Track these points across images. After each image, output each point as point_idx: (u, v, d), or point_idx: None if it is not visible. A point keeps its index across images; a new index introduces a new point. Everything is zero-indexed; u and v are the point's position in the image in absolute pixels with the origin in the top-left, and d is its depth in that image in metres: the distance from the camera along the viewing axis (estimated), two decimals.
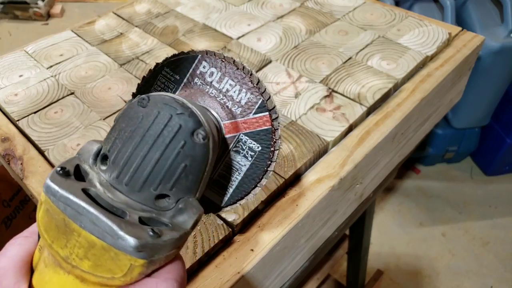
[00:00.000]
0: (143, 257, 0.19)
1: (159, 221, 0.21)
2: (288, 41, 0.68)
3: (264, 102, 0.28)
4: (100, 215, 0.19)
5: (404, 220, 1.55)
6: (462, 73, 0.71)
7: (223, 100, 0.28)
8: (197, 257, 0.41)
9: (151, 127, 0.21)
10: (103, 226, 0.19)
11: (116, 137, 0.22)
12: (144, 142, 0.21)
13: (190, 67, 0.28)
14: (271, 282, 0.48)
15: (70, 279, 0.20)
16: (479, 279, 1.38)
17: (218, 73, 0.27)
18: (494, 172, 1.68)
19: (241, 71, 0.28)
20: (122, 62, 0.66)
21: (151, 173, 0.21)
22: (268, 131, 0.28)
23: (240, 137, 0.28)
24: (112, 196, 0.21)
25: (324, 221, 0.52)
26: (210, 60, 0.28)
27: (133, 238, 0.19)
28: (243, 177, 0.29)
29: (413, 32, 0.69)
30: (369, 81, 0.60)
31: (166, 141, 0.21)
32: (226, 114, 0.28)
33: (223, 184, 0.29)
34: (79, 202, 0.19)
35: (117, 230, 0.19)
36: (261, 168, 0.28)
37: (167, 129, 0.21)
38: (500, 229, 1.52)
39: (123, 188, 0.21)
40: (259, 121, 0.28)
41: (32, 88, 0.62)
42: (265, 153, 0.28)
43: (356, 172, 0.52)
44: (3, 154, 0.54)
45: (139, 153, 0.21)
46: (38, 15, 1.53)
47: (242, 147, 0.28)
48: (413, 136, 0.67)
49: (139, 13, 0.79)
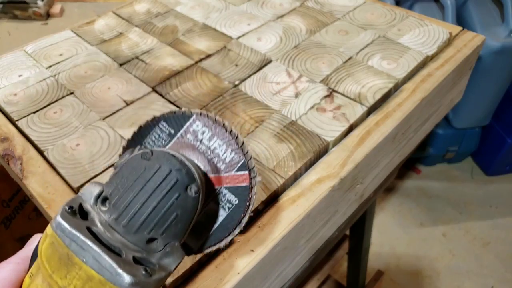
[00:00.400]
0: None
1: (149, 261, 0.24)
2: (288, 41, 0.68)
3: (246, 162, 0.32)
4: (102, 253, 0.22)
5: (404, 220, 1.55)
6: (462, 73, 0.71)
7: (210, 156, 0.31)
8: (197, 257, 0.41)
9: (152, 178, 0.25)
10: (103, 263, 0.21)
11: (118, 183, 0.25)
12: (144, 191, 0.24)
13: (184, 124, 0.31)
14: (271, 282, 0.48)
15: None
16: (480, 280, 1.37)
17: (208, 133, 0.31)
18: (495, 172, 1.68)
19: (229, 133, 0.31)
20: (121, 62, 0.66)
21: (147, 219, 0.24)
22: (246, 188, 0.32)
23: (221, 190, 0.32)
24: (110, 235, 0.23)
25: (325, 222, 0.52)
26: (203, 120, 0.31)
27: (129, 276, 0.22)
28: (219, 226, 0.32)
29: (414, 31, 0.69)
30: (370, 81, 0.60)
31: (163, 192, 0.25)
32: (212, 169, 0.31)
33: (200, 231, 0.32)
34: (84, 239, 0.22)
35: (116, 268, 0.21)
36: (235, 219, 0.32)
37: (165, 181, 0.25)
38: (501, 230, 1.51)
39: (120, 229, 0.24)
40: (239, 178, 0.32)
41: (32, 88, 0.62)
42: (240, 206, 0.31)
43: (356, 172, 0.52)
44: (3, 154, 0.54)
45: (138, 200, 0.24)
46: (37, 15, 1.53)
47: (222, 199, 0.32)
48: (414, 136, 0.67)
49: (139, 12, 0.78)
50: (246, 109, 0.56)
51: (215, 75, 0.63)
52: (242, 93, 0.59)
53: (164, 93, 0.60)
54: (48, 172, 0.51)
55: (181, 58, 0.66)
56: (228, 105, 0.57)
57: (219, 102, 0.58)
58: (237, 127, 0.54)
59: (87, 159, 0.51)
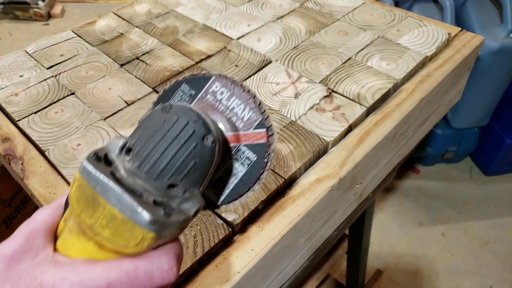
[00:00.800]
0: (154, 230, 0.24)
1: (169, 205, 0.26)
2: (288, 42, 0.69)
3: (263, 121, 0.33)
4: (123, 193, 0.23)
5: (403, 220, 1.55)
6: (461, 73, 0.72)
7: (229, 115, 0.33)
8: (197, 256, 0.41)
9: (171, 129, 0.27)
10: (125, 202, 0.23)
11: (140, 134, 0.27)
12: (164, 140, 0.26)
13: (204, 86, 0.33)
14: (271, 281, 0.48)
15: (90, 245, 0.25)
16: (479, 279, 1.38)
17: (227, 93, 0.33)
18: (494, 172, 1.68)
19: (247, 93, 0.33)
20: (122, 63, 0.67)
21: (167, 166, 0.26)
22: (263, 145, 0.33)
23: (240, 147, 0.33)
24: (133, 181, 0.25)
25: (324, 221, 0.53)
26: (222, 82, 0.33)
27: (148, 213, 0.23)
28: (239, 181, 0.33)
29: (413, 32, 0.69)
30: (369, 81, 0.60)
31: (181, 141, 0.27)
32: (231, 127, 0.33)
33: (221, 186, 0.34)
34: (107, 182, 0.24)
35: (136, 207, 0.23)
36: (254, 175, 0.33)
37: (183, 132, 0.27)
38: (500, 229, 1.52)
39: (142, 176, 0.26)
40: (257, 136, 0.33)
41: (33, 88, 0.63)
42: (259, 163, 0.33)
43: (355, 172, 0.52)
44: (4, 154, 0.54)
45: (159, 149, 0.26)
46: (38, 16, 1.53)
47: (241, 156, 0.33)
48: (413, 136, 0.67)
49: (139, 13, 0.79)
50: None
51: None
52: None
53: None
54: (49, 172, 0.51)
55: (181, 58, 0.67)
56: None
57: None
58: None
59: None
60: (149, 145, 0.26)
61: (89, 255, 0.25)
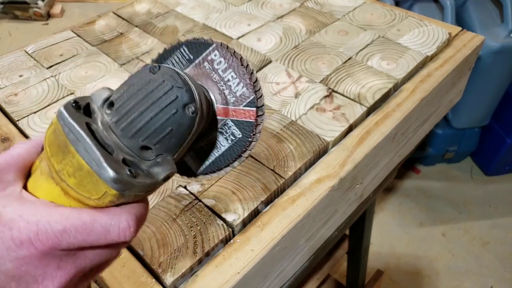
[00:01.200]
0: (116, 188, 0.24)
1: (138, 166, 0.26)
2: (288, 41, 0.68)
3: (255, 99, 0.32)
4: (92, 146, 0.23)
5: (404, 220, 1.55)
6: (462, 73, 0.71)
7: (222, 87, 0.32)
8: (197, 257, 0.41)
9: (154, 91, 0.26)
10: (93, 155, 0.23)
11: (124, 90, 0.26)
12: (145, 101, 0.26)
13: (203, 52, 0.32)
14: (271, 282, 0.48)
15: (56, 189, 0.25)
16: (479, 279, 1.38)
17: (225, 64, 0.32)
18: (494, 172, 1.68)
19: (245, 68, 0.32)
20: (122, 62, 0.66)
21: (143, 127, 0.26)
22: (251, 124, 0.32)
23: (226, 122, 0.33)
24: (107, 135, 0.25)
25: (324, 221, 0.53)
26: (221, 51, 0.32)
27: (112, 171, 0.23)
28: (220, 155, 0.33)
29: (413, 32, 0.69)
30: (369, 81, 0.60)
31: (162, 105, 0.26)
32: (222, 99, 0.32)
33: (202, 156, 0.33)
34: (80, 131, 0.24)
35: (102, 162, 0.23)
36: (236, 152, 0.33)
37: (165, 96, 0.26)
38: (500, 229, 1.52)
39: (118, 132, 0.26)
40: (246, 114, 0.32)
41: (32, 88, 0.62)
42: (243, 141, 0.32)
43: (356, 172, 0.52)
44: None
45: (138, 108, 0.26)
46: (38, 15, 1.53)
47: (226, 131, 0.33)
48: (413, 136, 0.67)
49: (139, 13, 0.79)
50: None
51: None
52: None
53: None
54: None
55: None
56: None
57: None
58: None
59: None
60: (130, 103, 0.26)
61: (54, 198, 0.25)
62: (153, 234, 0.43)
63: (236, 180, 0.48)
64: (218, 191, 0.47)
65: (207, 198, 0.46)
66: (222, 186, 0.47)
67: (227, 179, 0.48)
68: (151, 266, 0.41)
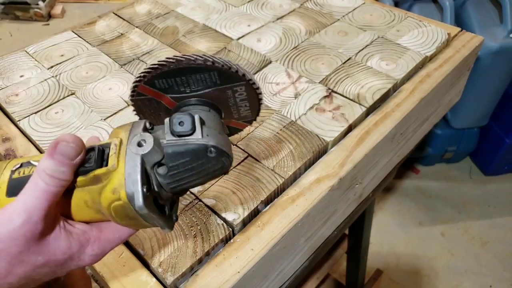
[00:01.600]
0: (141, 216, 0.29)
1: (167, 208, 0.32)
2: (288, 42, 0.69)
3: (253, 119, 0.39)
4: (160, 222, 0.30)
5: (403, 220, 1.56)
6: (461, 74, 0.72)
7: (233, 107, 0.36)
8: (197, 256, 0.41)
9: (208, 168, 0.31)
10: (159, 224, 0.31)
11: (180, 162, 0.30)
12: (198, 173, 0.31)
13: (232, 83, 0.34)
14: (271, 281, 0.48)
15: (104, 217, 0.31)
16: (478, 279, 1.38)
17: (245, 96, 0.35)
18: (493, 172, 1.68)
19: (259, 101, 0.36)
20: (122, 63, 0.67)
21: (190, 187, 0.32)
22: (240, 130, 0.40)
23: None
24: (159, 195, 0.30)
25: (324, 221, 0.53)
26: (248, 89, 0.35)
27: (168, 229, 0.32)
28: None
29: (413, 32, 0.69)
30: (369, 81, 0.60)
31: (209, 176, 0.32)
32: (226, 116, 0.37)
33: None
34: (154, 217, 0.29)
35: (164, 228, 0.31)
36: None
37: (216, 172, 0.32)
38: (499, 229, 1.52)
39: (167, 188, 0.31)
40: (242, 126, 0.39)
41: (33, 88, 0.63)
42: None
43: (355, 172, 0.52)
44: (4, 154, 0.54)
45: (191, 178, 0.31)
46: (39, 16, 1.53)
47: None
48: (412, 136, 0.67)
49: (140, 13, 0.79)
50: None
51: None
52: None
53: None
54: None
55: None
56: None
57: None
58: None
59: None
60: (184, 174, 0.31)
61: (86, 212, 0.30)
62: (154, 233, 0.44)
63: (236, 180, 0.48)
64: (218, 191, 0.47)
65: (207, 198, 0.46)
66: (222, 186, 0.48)
67: (227, 179, 0.48)
68: (152, 265, 0.41)
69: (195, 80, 0.33)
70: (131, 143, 0.29)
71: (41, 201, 0.26)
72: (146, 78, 0.34)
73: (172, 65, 0.33)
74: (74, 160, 0.28)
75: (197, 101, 0.34)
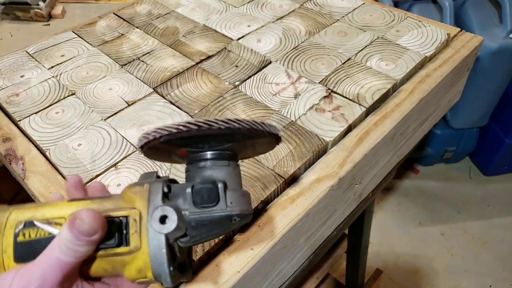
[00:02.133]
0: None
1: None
2: (288, 42, 0.69)
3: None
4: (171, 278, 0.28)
5: (403, 220, 1.56)
6: (460, 74, 0.72)
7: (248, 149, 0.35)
8: (197, 256, 0.41)
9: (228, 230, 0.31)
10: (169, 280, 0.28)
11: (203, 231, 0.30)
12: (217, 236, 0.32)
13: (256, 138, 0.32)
14: (271, 281, 0.49)
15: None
16: (478, 279, 1.38)
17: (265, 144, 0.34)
18: (493, 172, 1.69)
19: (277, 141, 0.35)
20: (123, 63, 0.67)
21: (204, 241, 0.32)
22: None
23: None
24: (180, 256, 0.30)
25: (324, 221, 0.53)
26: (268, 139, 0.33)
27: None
28: None
29: (412, 33, 0.70)
30: (368, 81, 0.61)
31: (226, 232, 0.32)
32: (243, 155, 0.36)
33: None
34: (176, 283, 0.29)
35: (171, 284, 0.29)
36: None
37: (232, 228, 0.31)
38: (499, 229, 1.52)
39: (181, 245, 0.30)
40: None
41: (34, 88, 0.63)
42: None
43: (355, 172, 0.52)
44: (5, 154, 0.55)
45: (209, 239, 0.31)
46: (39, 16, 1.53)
47: None
48: (412, 136, 0.67)
49: (140, 14, 0.79)
50: (246, 110, 0.57)
51: (216, 76, 0.63)
52: (242, 93, 0.60)
53: (165, 93, 0.61)
54: (50, 172, 0.52)
55: (181, 59, 0.67)
56: (228, 105, 0.58)
57: (220, 103, 0.58)
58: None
59: (89, 159, 0.52)
60: (205, 239, 0.31)
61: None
62: None
63: None
64: None
65: None
66: None
67: None
68: None
69: (216, 140, 0.31)
70: (153, 219, 0.28)
71: (56, 270, 0.26)
72: (161, 138, 0.29)
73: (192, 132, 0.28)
74: (91, 237, 0.27)
75: (215, 155, 0.31)
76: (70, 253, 0.27)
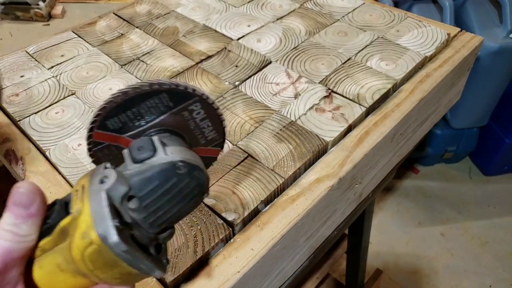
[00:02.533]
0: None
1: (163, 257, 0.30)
2: (288, 42, 0.69)
3: (223, 141, 0.37)
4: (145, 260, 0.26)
5: (403, 220, 1.56)
6: (461, 74, 0.72)
7: (196, 132, 0.35)
8: (197, 256, 0.41)
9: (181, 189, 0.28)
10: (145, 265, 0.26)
11: (150, 188, 0.27)
12: (172, 198, 0.28)
13: (184, 102, 0.32)
14: (271, 281, 0.49)
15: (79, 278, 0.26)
16: (478, 279, 1.38)
17: (203, 114, 0.34)
18: (493, 172, 1.69)
19: (220, 117, 0.35)
20: (123, 63, 0.67)
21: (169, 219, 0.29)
22: (214, 159, 0.39)
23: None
24: (139, 232, 0.27)
25: (324, 221, 0.53)
26: (203, 104, 0.33)
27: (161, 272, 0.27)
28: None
29: (412, 33, 0.70)
30: (368, 81, 0.61)
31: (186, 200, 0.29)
32: (193, 143, 0.35)
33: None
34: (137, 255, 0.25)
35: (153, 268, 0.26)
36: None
37: (190, 193, 0.29)
38: (499, 229, 1.52)
39: (146, 226, 0.28)
40: (212, 151, 0.38)
41: (33, 88, 0.63)
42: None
43: (355, 172, 0.52)
44: (5, 155, 0.55)
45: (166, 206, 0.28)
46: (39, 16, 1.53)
47: None
48: (412, 137, 0.67)
49: (140, 14, 0.79)
50: (246, 110, 0.57)
51: (216, 76, 0.63)
52: (242, 93, 0.60)
53: None
54: (50, 172, 0.52)
55: (181, 59, 0.67)
56: (229, 105, 0.58)
57: (220, 103, 0.58)
58: (237, 127, 0.55)
59: (89, 159, 0.51)
60: (158, 201, 0.27)
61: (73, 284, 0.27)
62: None
63: (236, 180, 0.48)
64: (218, 191, 0.47)
65: (207, 198, 0.47)
66: (222, 186, 0.48)
67: (227, 179, 0.48)
68: None
69: (147, 109, 0.31)
70: (93, 183, 0.26)
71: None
72: (98, 122, 0.31)
73: (118, 99, 0.30)
74: (29, 209, 0.25)
75: (156, 131, 0.32)
76: (9, 236, 0.24)
